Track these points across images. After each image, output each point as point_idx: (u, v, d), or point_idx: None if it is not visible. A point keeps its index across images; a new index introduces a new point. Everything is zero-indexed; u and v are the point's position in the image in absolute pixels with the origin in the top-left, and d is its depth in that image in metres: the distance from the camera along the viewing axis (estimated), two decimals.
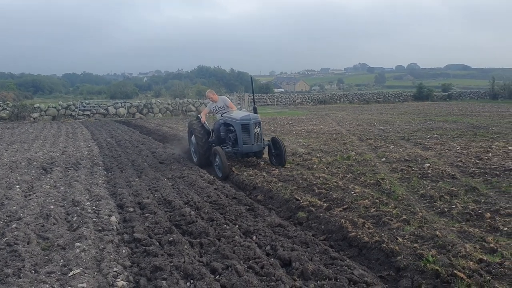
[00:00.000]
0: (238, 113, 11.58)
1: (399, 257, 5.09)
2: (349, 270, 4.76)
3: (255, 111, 11.69)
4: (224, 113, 11.93)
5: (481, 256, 5.00)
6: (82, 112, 32.21)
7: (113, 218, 6.73)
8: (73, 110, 32.13)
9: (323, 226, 6.58)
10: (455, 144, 14.34)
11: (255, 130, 10.81)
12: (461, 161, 11.04)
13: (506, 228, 6.07)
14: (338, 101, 58.82)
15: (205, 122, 11.98)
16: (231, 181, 10.28)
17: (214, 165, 10.97)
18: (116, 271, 4.74)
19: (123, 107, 33.32)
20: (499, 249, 5.23)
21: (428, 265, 4.79)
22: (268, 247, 5.60)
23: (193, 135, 12.06)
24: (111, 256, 5.16)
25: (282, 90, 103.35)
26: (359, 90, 75.24)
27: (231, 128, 11.35)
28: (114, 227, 6.37)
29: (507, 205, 7.18)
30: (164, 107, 34.07)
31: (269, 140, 11.55)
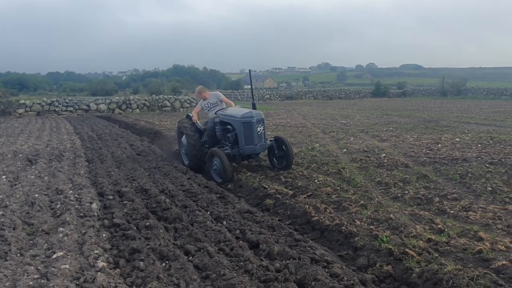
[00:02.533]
0: (237, 110, 9.46)
1: (357, 238, 5.18)
2: (311, 250, 4.81)
3: (254, 107, 9.69)
4: (219, 110, 9.83)
5: (430, 236, 5.13)
6: (65, 108, 31.37)
7: (94, 205, 6.62)
8: (57, 106, 31.26)
9: (288, 212, 6.62)
10: (408, 136, 14.63)
11: (258, 129, 8.82)
12: (413, 151, 11.28)
13: (453, 211, 6.25)
14: (303, 97, 59.15)
15: (197, 121, 10.09)
16: (203, 172, 9.92)
17: (211, 169, 8.95)
18: (97, 253, 4.70)
19: (103, 103, 32.63)
20: (446, 229, 5.38)
21: (382, 244, 4.89)
22: (237, 231, 5.61)
23: (184, 136, 10.16)
24: (92, 239, 5.10)
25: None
26: (323, 87, 75.71)
27: (229, 127, 9.32)
28: (95, 213, 6.28)
29: (454, 190, 7.39)
30: (141, 103, 33.54)
31: (271, 140, 9.59)
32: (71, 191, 7.52)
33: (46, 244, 4.94)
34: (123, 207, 6.71)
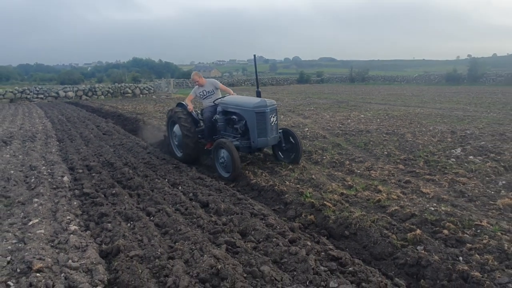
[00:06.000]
0: (246, 99, 7.41)
1: (286, 195, 5.28)
2: (251, 206, 4.84)
3: (258, 95, 7.29)
4: (219, 98, 7.57)
5: (342, 191, 5.34)
6: (36, 96, 28.90)
7: (65, 178, 6.22)
8: (28, 94, 28.80)
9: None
10: (325, 114, 15.01)
11: (272, 119, 6.66)
12: (329, 126, 11.61)
13: (359, 171, 6.52)
14: (243, 84, 58.70)
15: (193, 110, 7.70)
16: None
17: (216, 162, 6.73)
18: (69, 218, 4.46)
19: (71, 91, 30.40)
20: (354, 185, 5.62)
21: (306, 199, 5.02)
22: (190, 194, 5.52)
23: (176, 126, 7.80)
24: (65, 207, 4.83)
25: None
26: (258, 76, 75.79)
27: (234, 117, 7.07)
28: (67, 185, 5.91)
29: (360, 155, 7.70)
30: (105, 90, 31.65)
31: (279, 132, 7.12)
32: (44, 167, 7.01)
33: (22, 213, 4.61)
34: (91, 178, 6.37)
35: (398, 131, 9.99)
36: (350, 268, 3.27)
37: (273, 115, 6.69)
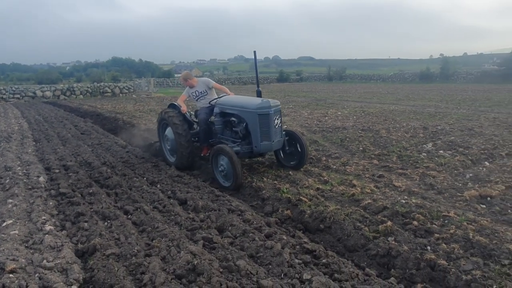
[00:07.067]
0: (246, 99, 6.66)
1: (264, 191, 5.30)
2: (228, 203, 4.84)
3: (259, 95, 6.56)
4: (216, 99, 6.82)
5: (318, 186, 5.41)
6: (12, 96, 27.89)
7: (41, 178, 6.06)
8: (4, 94, 27.79)
9: (210, 174, 6.56)
10: (304, 111, 15.15)
11: (276, 122, 5.94)
12: (307, 123, 11.72)
13: (335, 166, 6.61)
14: (223, 83, 58.34)
15: (187, 112, 6.96)
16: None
17: (215, 170, 5.99)
18: (44, 219, 4.35)
19: (49, 90, 29.45)
20: (329, 180, 5.69)
21: (283, 194, 5.06)
22: (169, 192, 5.47)
23: (168, 129, 7.10)
24: (40, 208, 4.71)
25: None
26: (239, 75, 75.41)
27: (233, 119, 6.29)
28: (42, 185, 5.76)
29: (336, 151, 7.81)
30: (84, 90, 30.84)
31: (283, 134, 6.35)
32: (19, 168, 6.81)
33: None
34: (68, 178, 6.22)
35: (373, 128, 10.17)
36: (323, 260, 3.32)
37: (277, 117, 5.98)
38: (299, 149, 6.34)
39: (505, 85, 32.43)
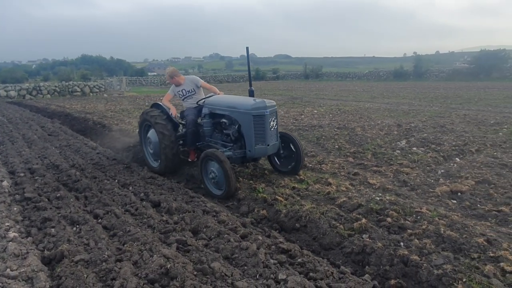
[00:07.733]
0: (239, 99, 6.03)
1: (239, 191, 5.28)
2: (203, 204, 4.79)
3: (251, 94, 6.01)
4: (204, 99, 6.41)
5: (294, 185, 5.43)
6: None
7: (5, 183, 5.80)
8: None
9: (185, 174, 6.51)
10: (280, 110, 15.16)
11: (271, 124, 5.48)
12: (284, 121, 11.77)
13: (311, 165, 6.64)
14: None
15: (175, 114, 6.51)
16: (111, 148, 8.60)
17: (205, 177, 5.55)
18: (8, 225, 4.17)
19: (13, 90, 28.38)
20: (305, 179, 5.72)
21: (259, 194, 5.06)
22: (142, 194, 5.36)
23: (151, 131, 6.59)
24: (3, 214, 4.52)
25: (155, 73, 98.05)
26: (214, 74, 74.99)
27: (224, 121, 5.86)
28: (6, 190, 5.50)
29: (312, 149, 7.86)
30: (52, 89, 29.87)
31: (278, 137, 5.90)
32: None
33: None
34: (34, 182, 6.00)
35: (348, 126, 10.32)
36: (299, 260, 3.34)
37: (273, 119, 5.52)
38: (294, 151, 5.93)
39: (474, 82, 33.73)
